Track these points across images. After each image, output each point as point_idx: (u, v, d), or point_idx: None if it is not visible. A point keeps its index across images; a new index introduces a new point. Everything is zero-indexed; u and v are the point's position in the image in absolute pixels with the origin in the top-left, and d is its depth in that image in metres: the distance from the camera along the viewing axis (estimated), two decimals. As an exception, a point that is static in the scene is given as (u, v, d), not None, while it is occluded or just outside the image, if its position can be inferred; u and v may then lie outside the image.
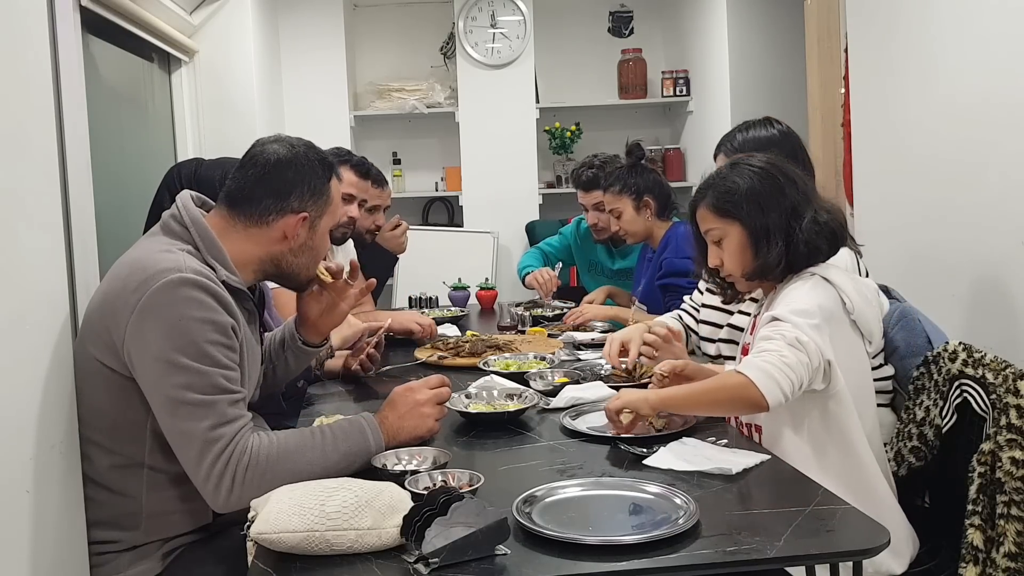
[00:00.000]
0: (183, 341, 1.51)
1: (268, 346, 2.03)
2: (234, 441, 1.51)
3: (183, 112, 3.54)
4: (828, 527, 1.36)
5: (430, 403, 1.75)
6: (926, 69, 2.56)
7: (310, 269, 1.80)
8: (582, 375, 2.27)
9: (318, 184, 1.73)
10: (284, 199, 1.70)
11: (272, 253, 1.73)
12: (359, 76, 5.14)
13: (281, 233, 1.71)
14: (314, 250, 1.77)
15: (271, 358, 2.01)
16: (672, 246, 3.00)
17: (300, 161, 1.72)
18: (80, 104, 1.94)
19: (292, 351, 1.99)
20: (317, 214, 1.74)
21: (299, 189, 1.71)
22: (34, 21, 1.67)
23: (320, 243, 1.78)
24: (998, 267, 2.27)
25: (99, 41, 2.74)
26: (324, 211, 1.76)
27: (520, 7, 4.85)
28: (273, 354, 2.01)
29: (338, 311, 1.96)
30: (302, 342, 1.98)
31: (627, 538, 1.31)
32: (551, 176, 5.16)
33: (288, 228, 1.71)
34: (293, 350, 1.99)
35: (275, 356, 2.01)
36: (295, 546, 1.32)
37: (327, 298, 1.94)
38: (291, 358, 2.00)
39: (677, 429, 1.82)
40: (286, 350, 2.00)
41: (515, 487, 1.49)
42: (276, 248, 1.72)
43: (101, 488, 1.64)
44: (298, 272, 1.78)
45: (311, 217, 1.73)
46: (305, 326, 1.98)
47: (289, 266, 1.76)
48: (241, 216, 1.71)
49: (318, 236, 1.76)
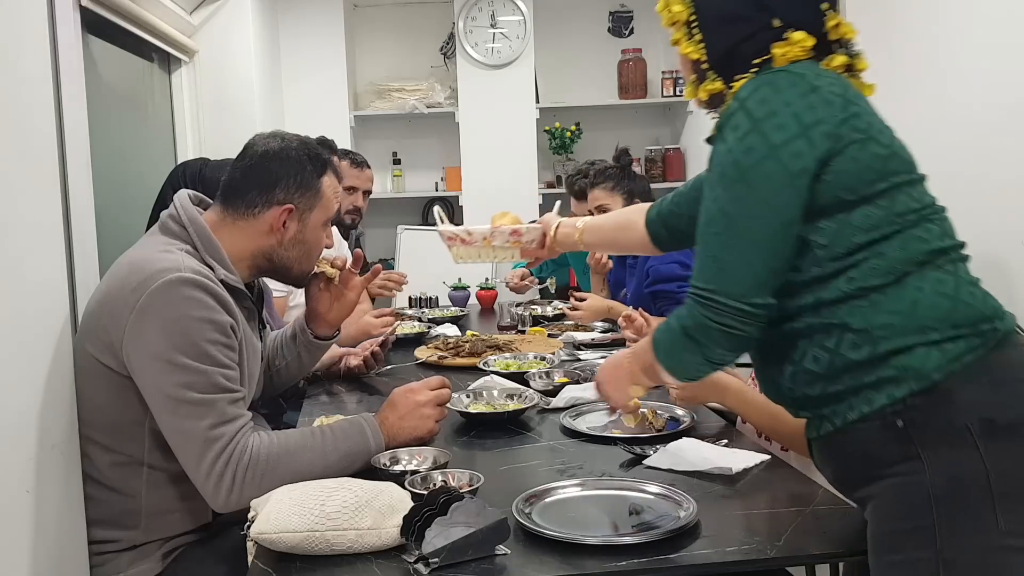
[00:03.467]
0: (182, 340, 1.51)
1: (278, 344, 2.06)
2: (234, 440, 1.51)
3: (183, 112, 3.54)
4: (828, 527, 1.36)
5: (430, 404, 1.76)
6: (926, 69, 2.56)
7: (303, 263, 1.80)
8: (582, 375, 2.27)
9: (306, 178, 1.73)
10: (269, 191, 1.71)
11: (262, 247, 1.73)
12: (359, 76, 5.14)
13: (268, 225, 1.71)
14: (306, 244, 1.77)
15: (283, 355, 2.05)
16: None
17: (287, 154, 1.73)
18: (80, 104, 1.94)
19: (304, 346, 2.04)
20: (306, 207, 1.74)
21: (284, 181, 1.71)
22: (34, 21, 1.67)
23: (312, 237, 1.78)
24: (998, 267, 2.26)
25: (99, 41, 2.74)
26: (313, 205, 1.75)
27: (520, 7, 4.85)
28: (285, 351, 2.05)
29: (346, 301, 2.01)
30: (313, 335, 2.02)
31: (627, 538, 1.31)
32: (551, 176, 5.16)
33: (274, 220, 1.71)
34: (305, 345, 2.03)
35: (287, 352, 2.04)
36: (295, 546, 1.32)
37: (335, 290, 1.99)
38: (304, 353, 2.05)
39: (677, 429, 1.82)
40: (298, 345, 2.04)
41: (515, 487, 1.49)
42: (266, 242, 1.72)
43: (101, 486, 1.64)
44: (290, 266, 1.78)
45: (299, 210, 1.73)
46: (315, 319, 2.02)
47: (281, 260, 1.76)
48: (230, 209, 1.72)
49: (309, 230, 1.76)
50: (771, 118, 1.21)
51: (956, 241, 1.28)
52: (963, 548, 1.14)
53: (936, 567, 1.14)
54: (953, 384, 1.18)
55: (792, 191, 1.21)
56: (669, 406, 1.95)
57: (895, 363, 1.19)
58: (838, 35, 1.34)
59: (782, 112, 1.21)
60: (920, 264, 1.22)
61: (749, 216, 1.22)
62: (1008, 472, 1.15)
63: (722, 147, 1.25)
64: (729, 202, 1.23)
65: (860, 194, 1.22)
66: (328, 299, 2.00)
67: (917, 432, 1.18)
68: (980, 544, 1.14)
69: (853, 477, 1.27)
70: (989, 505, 1.14)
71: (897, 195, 1.24)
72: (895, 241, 1.22)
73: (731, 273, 1.22)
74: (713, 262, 1.24)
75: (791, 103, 1.21)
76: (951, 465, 1.16)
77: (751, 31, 1.30)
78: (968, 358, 1.18)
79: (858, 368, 1.21)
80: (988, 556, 1.14)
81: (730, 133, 1.24)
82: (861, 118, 1.24)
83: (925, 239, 1.23)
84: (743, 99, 1.24)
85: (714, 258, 1.24)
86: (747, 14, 1.31)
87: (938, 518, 1.15)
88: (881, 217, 1.22)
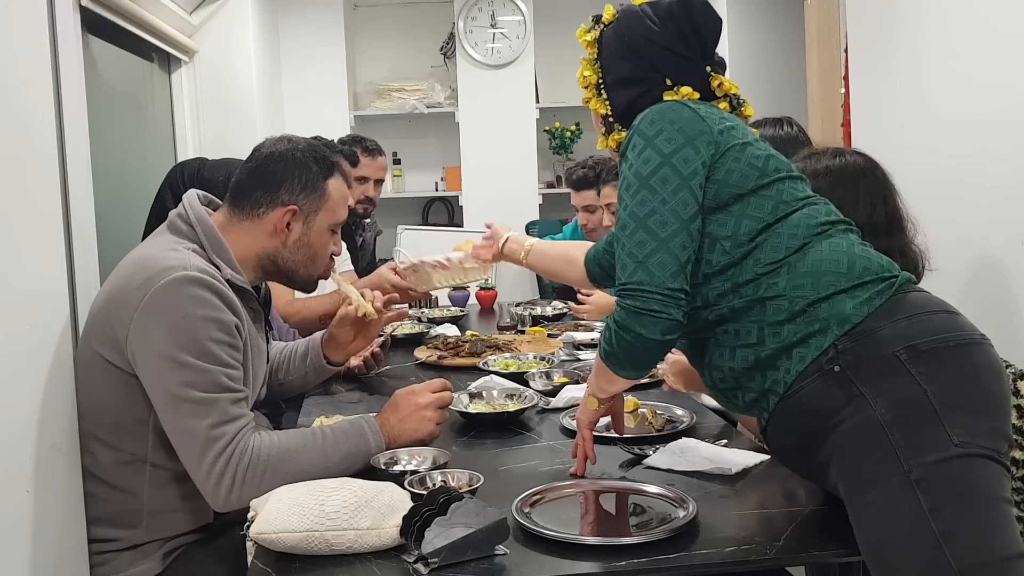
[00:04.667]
0: (186, 339, 1.51)
1: (285, 357, 2.10)
2: (235, 440, 1.51)
3: (183, 112, 3.54)
4: (828, 527, 1.36)
5: (432, 407, 1.75)
6: (926, 69, 2.56)
7: (308, 267, 1.79)
8: (582, 375, 2.27)
9: (310, 179, 1.73)
10: (274, 191, 1.71)
11: (267, 249, 1.73)
12: (359, 76, 5.14)
13: (272, 226, 1.71)
14: (311, 247, 1.76)
15: (288, 370, 2.09)
16: None
17: (292, 155, 1.73)
18: (80, 104, 1.94)
19: (314, 367, 2.09)
20: (311, 209, 1.73)
21: (289, 182, 1.71)
22: (34, 21, 1.67)
23: (318, 241, 1.77)
24: (998, 267, 2.26)
25: (99, 41, 2.74)
26: (319, 207, 1.74)
27: (520, 7, 4.85)
28: (293, 367, 2.09)
29: (369, 335, 2.11)
30: (327, 361, 2.08)
31: (627, 538, 1.31)
32: (551, 176, 5.16)
33: (277, 221, 1.71)
34: (316, 367, 2.09)
35: (293, 369, 2.09)
36: (295, 546, 1.32)
37: (362, 324, 2.06)
38: (311, 373, 2.10)
39: (677, 429, 1.82)
40: (307, 365, 2.08)
41: (515, 487, 1.49)
42: (270, 243, 1.72)
43: (103, 484, 1.64)
44: (296, 269, 1.77)
45: (303, 212, 1.72)
46: (333, 347, 2.08)
47: (286, 263, 1.75)
48: (236, 209, 1.72)
49: (314, 233, 1.75)
50: (660, 134, 1.42)
51: (843, 218, 1.46)
52: (927, 464, 1.21)
53: (912, 489, 1.21)
54: (872, 324, 1.31)
55: (687, 191, 1.39)
56: (669, 406, 1.95)
57: (814, 314, 1.33)
58: (722, 92, 1.58)
59: (668, 129, 1.42)
60: (816, 235, 1.39)
61: (653, 214, 1.39)
62: (943, 390, 1.25)
63: (625, 166, 1.45)
64: (636, 206, 1.41)
65: (748, 188, 1.41)
66: (353, 331, 2.07)
67: (853, 372, 1.29)
68: (942, 457, 1.22)
69: (811, 439, 1.34)
70: (936, 421, 1.23)
71: (782, 187, 1.43)
72: (789, 220, 1.40)
73: (646, 265, 1.38)
74: (631, 259, 1.39)
75: (675, 121, 1.43)
76: (892, 393, 1.26)
77: (646, 88, 1.55)
78: (877, 301, 1.32)
79: (782, 328, 1.34)
80: (954, 467, 1.22)
81: (630, 153, 1.45)
82: (736, 130, 1.46)
83: (814, 216, 1.42)
84: (636, 125, 1.46)
85: (631, 255, 1.39)
86: (642, 76, 1.55)
87: (896, 442, 1.23)
88: (773, 204, 1.41)
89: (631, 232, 1.40)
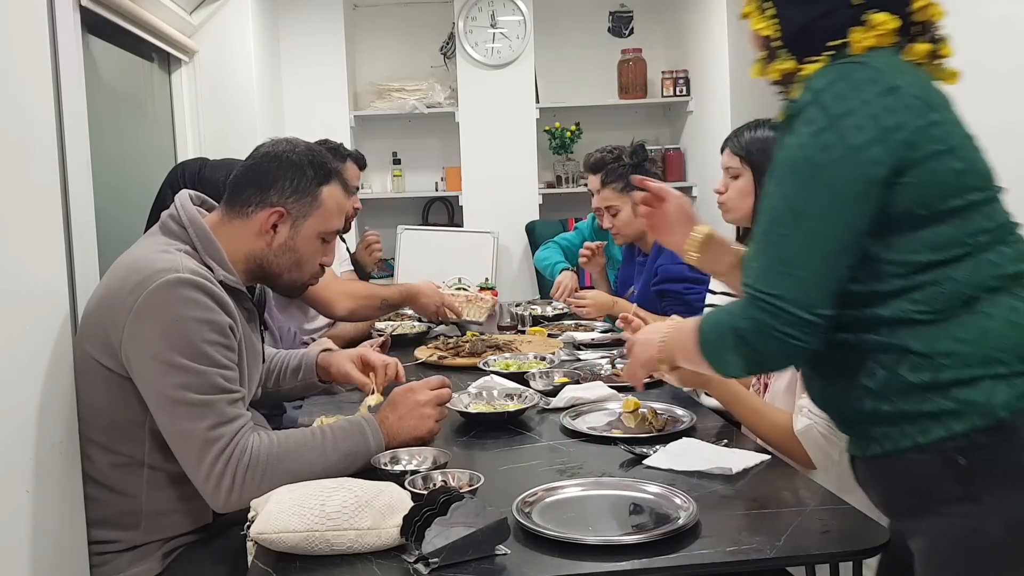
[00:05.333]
0: (180, 341, 1.51)
1: (276, 366, 2.11)
2: (234, 441, 1.51)
3: (183, 112, 3.54)
4: (828, 527, 1.36)
5: (431, 404, 1.75)
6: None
7: (292, 273, 1.74)
8: (582, 375, 2.27)
9: (303, 183, 1.70)
10: (265, 191, 1.69)
11: (253, 250, 1.70)
12: (359, 76, 5.13)
13: (258, 227, 1.68)
14: (296, 252, 1.72)
15: (278, 380, 2.10)
16: (667, 252, 2.96)
17: (288, 157, 1.71)
18: (80, 104, 1.94)
19: (305, 384, 2.12)
20: (300, 213, 1.70)
21: (280, 183, 1.69)
22: (34, 21, 1.67)
23: (304, 247, 1.72)
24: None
25: (99, 41, 2.74)
26: (309, 213, 1.70)
27: (520, 7, 4.85)
28: (283, 378, 2.11)
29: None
30: (320, 380, 2.12)
31: (627, 538, 1.31)
32: (551, 176, 5.15)
33: (263, 221, 1.68)
34: (307, 383, 2.12)
35: (283, 380, 2.11)
36: (295, 546, 1.32)
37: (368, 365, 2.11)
38: (301, 388, 2.13)
39: (677, 429, 1.82)
40: (299, 380, 2.11)
41: (515, 487, 1.49)
42: (256, 244, 1.69)
43: (101, 487, 1.64)
44: (279, 273, 1.73)
45: (291, 215, 1.69)
46: (327, 374, 2.12)
47: (271, 266, 1.72)
48: (229, 208, 1.71)
49: (301, 239, 1.71)
50: (848, 116, 1.12)
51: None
52: None
53: None
54: (1021, 422, 1.10)
55: (866, 199, 1.13)
56: (669, 406, 1.95)
57: (958, 395, 1.11)
58: (924, 17, 1.23)
59: (859, 111, 1.12)
60: (991, 290, 1.14)
61: (821, 219, 1.13)
62: None
63: (794, 140, 1.16)
64: (800, 201, 1.14)
65: (932, 209, 1.14)
66: (362, 369, 2.11)
67: (980, 473, 1.10)
68: None
69: (899, 506, 1.21)
70: None
71: (971, 214, 1.15)
72: (965, 264, 1.14)
73: (800, 279, 1.13)
74: (780, 265, 1.14)
75: (869, 103, 1.13)
76: (1017, 510, 1.09)
77: (829, 7, 1.21)
78: None
79: (916, 393, 1.13)
80: None
81: (804, 127, 1.15)
82: (941, 127, 1.16)
83: (998, 263, 1.15)
84: (818, 91, 1.15)
85: (781, 260, 1.14)
86: None
87: (1002, 567, 1.09)
88: (952, 237, 1.14)
89: (786, 231, 1.15)
